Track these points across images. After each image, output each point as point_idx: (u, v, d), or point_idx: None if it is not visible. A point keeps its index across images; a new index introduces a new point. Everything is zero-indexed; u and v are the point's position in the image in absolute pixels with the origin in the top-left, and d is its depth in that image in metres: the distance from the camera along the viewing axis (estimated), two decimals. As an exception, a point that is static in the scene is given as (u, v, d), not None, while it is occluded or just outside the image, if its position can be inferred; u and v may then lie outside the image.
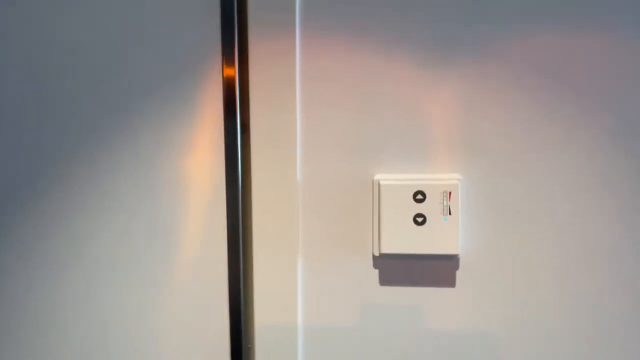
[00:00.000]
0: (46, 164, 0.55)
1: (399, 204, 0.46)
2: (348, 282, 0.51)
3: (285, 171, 0.50)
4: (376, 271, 0.51)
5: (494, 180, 0.48)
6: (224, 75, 0.49)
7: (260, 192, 0.51)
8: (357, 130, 0.49)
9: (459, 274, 0.49)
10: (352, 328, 0.52)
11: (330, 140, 0.50)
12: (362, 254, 0.51)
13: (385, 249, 0.47)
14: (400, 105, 0.49)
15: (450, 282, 0.49)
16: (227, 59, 0.49)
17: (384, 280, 0.51)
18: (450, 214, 0.46)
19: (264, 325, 0.52)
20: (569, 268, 0.47)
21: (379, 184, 0.47)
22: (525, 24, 0.46)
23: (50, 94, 0.54)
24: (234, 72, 0.49)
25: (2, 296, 0.57)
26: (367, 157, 0.50)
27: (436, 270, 0.50)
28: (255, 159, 0.51)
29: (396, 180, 0.47)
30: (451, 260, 0.49)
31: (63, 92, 0.54)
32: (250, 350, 0.52)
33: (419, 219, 0.46)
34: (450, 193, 0.45)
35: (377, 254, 0.49)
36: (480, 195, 0.48)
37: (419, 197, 0.46)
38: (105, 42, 0.53)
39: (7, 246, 0.56)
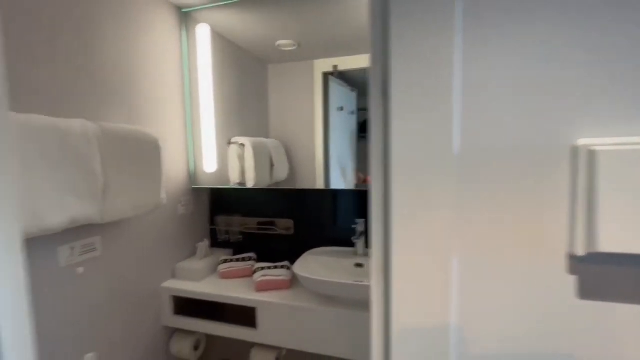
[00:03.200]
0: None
1: (628, 179, 0.31)
2: (526, 292, 0.37)
3: (437, 140, 0.38)
4: (573, 278, 0.36)
5: None
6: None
7: (403, 166, 0.39)
8: (543, 77, 0.35)
9: None
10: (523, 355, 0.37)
11: (501, 93, 0.36)
12: (548, 254, 0.36)
13: (604, 247, 0.32)
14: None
15: None
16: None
17: (588, 293, 0.35)
18: None
19: (404, 329, 0.41)
20: None
21: (590, 152, 0.32)
22: None
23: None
24: None
25: None
26: (562, 115, 0.35)
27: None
28: (396, 125, 0.39)
29: (620, 144, 0.32)
30: None
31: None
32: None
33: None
34: None
35: (581, 253, 0.34)
36: None
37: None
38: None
39: None
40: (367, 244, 1.29)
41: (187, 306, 1.31)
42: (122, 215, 1.02)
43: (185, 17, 1.45)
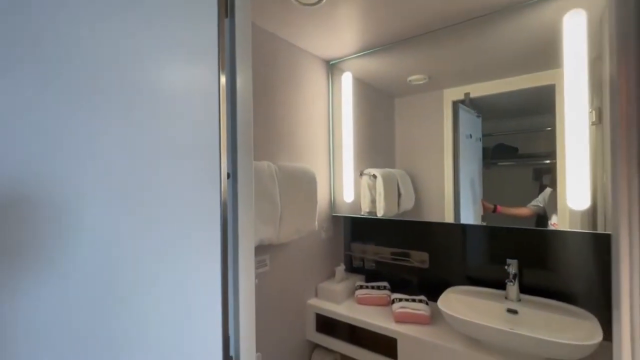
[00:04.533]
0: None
1: None
2: None
3: None
4: None
5: None
6: None
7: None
8: None
9: None
10: None
11: None
12: None
13: None
14: None
15: None
16: None
17: None
18: None
19: None
20: None
21: None
22: None
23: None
24: None
25: None
26: None
27: None
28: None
29: None
30: None
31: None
32: None
33: None
34: None
35: None
36: None
37: None
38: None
39: None
40: (520, 289, 1.17)
41: (328, 325, 1.44)
42: (289, 237, 1.23)
43: (332, 68, 1.69)
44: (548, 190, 1.15)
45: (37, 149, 0.41)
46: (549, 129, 1.13)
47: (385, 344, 1.24)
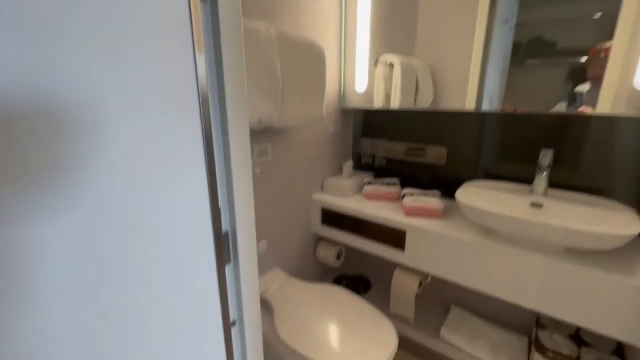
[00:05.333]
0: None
1: None
2: None
3: None
4: None
5: None
6: None
7: None
8: None
9: None
10: None
11: None
12: None
13: None
14: None
15: None
16: None
17: None
18: None
19: None
20: None
21: None
22: None
23: None
24: None
25: None
26: None
27: None
28: None
29: None
30: None
31: None
32: None
33: None
34: None
35: None
36: None
37: None
38: None
39: None
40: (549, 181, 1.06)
41: (334, 218, 1.40)
42: (293, 122, 1.07)
43: None
44: (586, 85, 0.97)
45: None
46: (599, 14, 0.88)
47: (392, 237, 1.21)
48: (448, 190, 1.31)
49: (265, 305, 1.13)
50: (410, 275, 1.26)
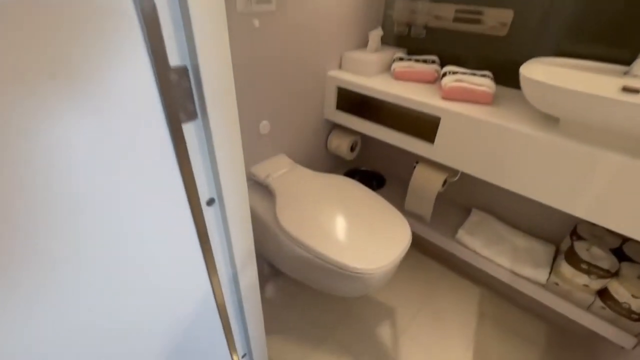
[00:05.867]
0: None
1: None
2: None
3: None
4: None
5: None
6: None
7: None
8: None
9: None
10: None
11: None
12: None
13: None
14: None
15: None
16: None
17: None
18: None
19: None
20: None
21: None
22: None
23: None
24: None
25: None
26: None
27: None
28: None
29: None
30: None
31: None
32: None
33: None
34: None
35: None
36: None
37: None
38: None
39: None
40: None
41: (351, 102, 1.16)
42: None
43: None
44: None
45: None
46: None
47: (422, 126, 0.98)
48: (504, 75, 1.02)
49: (268, 191, 1.01)
50: (435, 171, 1.08)
